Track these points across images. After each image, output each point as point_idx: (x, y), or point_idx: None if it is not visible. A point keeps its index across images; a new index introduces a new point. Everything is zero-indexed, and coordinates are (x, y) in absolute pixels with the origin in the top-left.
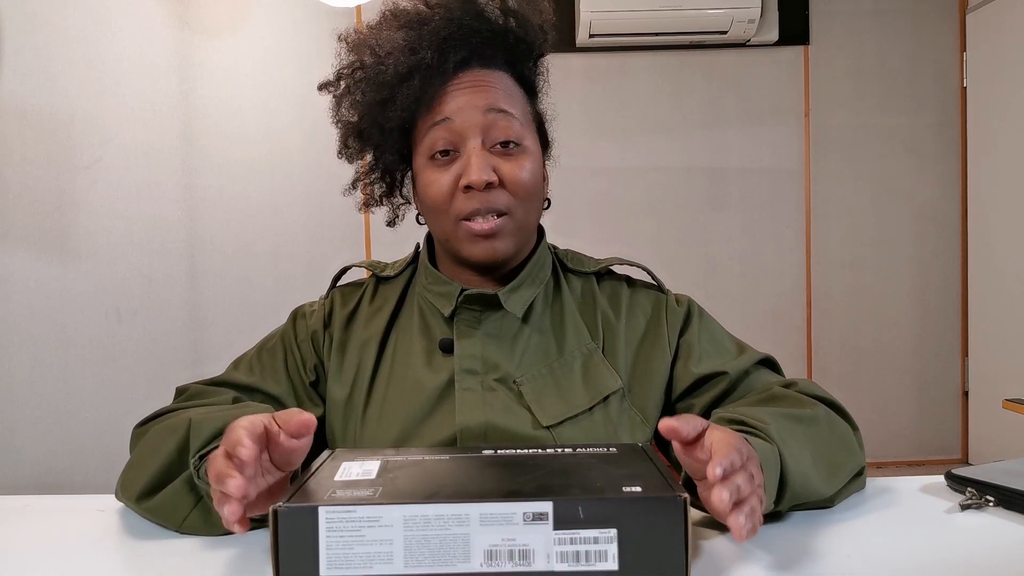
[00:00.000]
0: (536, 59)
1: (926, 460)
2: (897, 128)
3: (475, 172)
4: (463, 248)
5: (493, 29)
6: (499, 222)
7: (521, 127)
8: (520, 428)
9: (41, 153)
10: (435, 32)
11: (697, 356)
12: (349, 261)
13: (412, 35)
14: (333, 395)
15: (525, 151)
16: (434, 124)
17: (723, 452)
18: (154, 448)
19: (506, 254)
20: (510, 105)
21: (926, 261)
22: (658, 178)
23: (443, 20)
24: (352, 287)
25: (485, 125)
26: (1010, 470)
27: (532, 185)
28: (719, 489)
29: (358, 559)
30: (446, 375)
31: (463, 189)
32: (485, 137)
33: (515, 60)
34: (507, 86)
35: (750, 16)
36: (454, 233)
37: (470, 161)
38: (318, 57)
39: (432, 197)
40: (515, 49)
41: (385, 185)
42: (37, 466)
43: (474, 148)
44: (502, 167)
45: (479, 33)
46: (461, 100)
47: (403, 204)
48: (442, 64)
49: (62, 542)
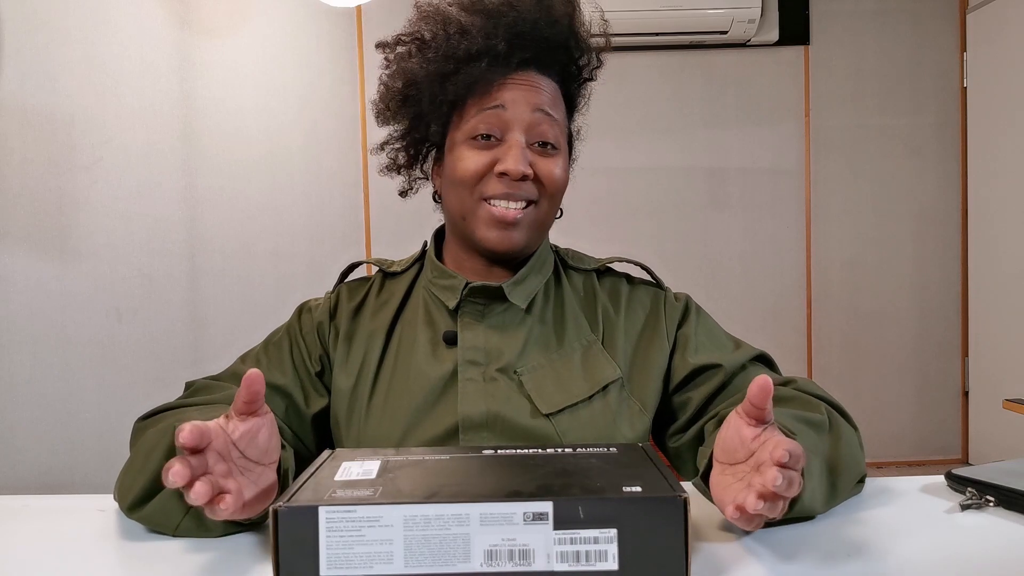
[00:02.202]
0: (584, 81)
1: (926, 460)
2: (897, 128)
3: (514, 162)
4: (479, 230)
5: (559, 40)
6: (525, 211)
7: (560, 133)
8: (520, 417)
9: (41, 153)
10: (510, 26)
11: (694, 347)
12: (349, 261)
13: (489, 23)
14: (338, 384)
15: (561, 153)
16: (486, 108)
17: (794, 447)
18: (145, 455)
19: (520, 245)
20: (555, 111)
21: (926, 261)
22: (658, 178)
23: (519, 17)
24: (359, 282)
25: (531, 123)
26: (1010, 470)
27: (562, 183)
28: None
29: (358, 559)
30: (450, 366)
31: (497, 174)
32: (528, 134)
33: (567, 75)
34: (555, 94)
35: (750, 16)
36: (473, 211)
37: (511, 151)
38: (318, 57)
39: (463, 172)
40: (570, 65)
41: (408, 156)
42: (37, 466)
43: (517, 140)
44: (538, 163)
45: (547, 40)
46: (516, 93)
47: (420, 179)
48: (509, 56)
49: (62, 542)
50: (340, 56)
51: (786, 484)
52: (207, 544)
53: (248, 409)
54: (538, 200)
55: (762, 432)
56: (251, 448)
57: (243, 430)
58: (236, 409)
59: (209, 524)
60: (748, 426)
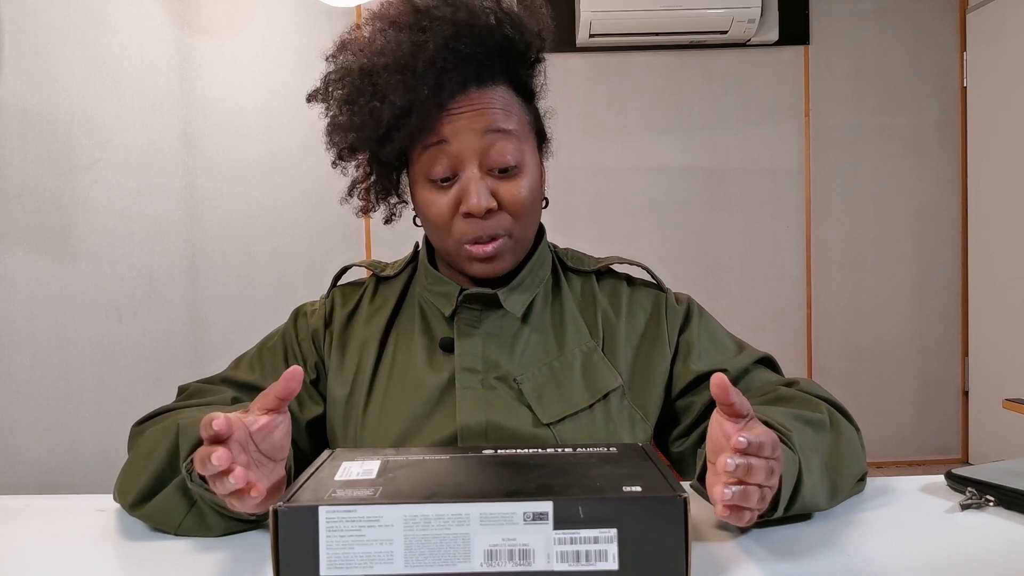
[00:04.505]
0: (533, 64)
1: (926, 460)
2: (897, 128)
3: (474, 199)
4: (463, 265)
5: (488, 47)
6: (498, 244)
7: (520, 143)
8: (521, 426)
9: (41, 153)
10: (430, 63)
11: (697, 354)
12: (349, 261)
13: (407, 70)
14: (334, 393)
15: (523, 171)
16: (431, 145)
17: (757, 433)
18: (146, 453)
19: (506, 270)
20: (508, 122)
21: (926, 261)
22: (658, 178)
23: (438, 47)
24: (352, 286)
25: (483, 148)
26: (1010, 470)
27: (531, 203)
28: (733, 458)
29: (358, 559)
30: (447, 374)
31: (463, 215)
32: (482, 160)
33: (513, 69)
34: (505, 101)
35: (750, 16)
36: (456, 253)
37: (469, 188)
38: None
39: (432, 218)
40: (513, 59)
41: (378, 192)
42: (37, 466)
43: (472, 176)
44: (501, 191)
45: (475, 57)
46: (458, 124)
47: (400, 204)
48: (438, 95)
49: (62, 542)
50: None
51: (744, 469)
52: (207, 544)
53: (278, 405)
54: (511, 229)
55: (742, 427)
56: (266, 443)
57: (261, 424)
58: (265, 403)
59: (210, 523)
60: (728, 422)
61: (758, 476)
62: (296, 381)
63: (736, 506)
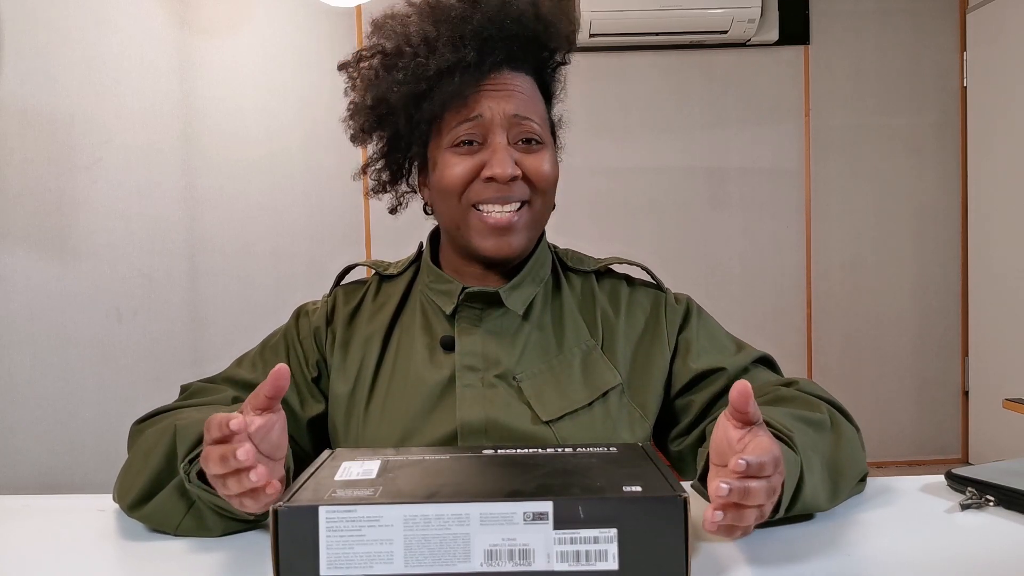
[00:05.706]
0: (558, 66)
1: (926, 460)
2: (897, 128)
3: (500, 165)
4: (474, 239)
5: (527, 35)
6: (518, 213)
7: (542, 127)
8: (520, 424)
9: (41, 153)
10: (477, 32)
11: (696, 352)
12: (349, 261)
13: (454, 32)
14: (336, 390)
15: (546, 147)
16: (465, 120)
17: (759, 452)
18: (144, 455)
19: (520, 249)
20: (531, 111)
21: (926, 261)
22: (658, 178)
23: (484, 20)
24: (355, 285)
25: (511, 124)
26: (1010, 470)
27: (552, 177)
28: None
29: (358, 559)
30: (448, 372)
31: (484, 179)
32: (510, 133)
33: (540, 66)
34: (530, 91)
35: (750, 16)
36: (465, 220)
37: (496, 154)
38: (318, 57)
39: (449, 179)
40: (542, 56)
41: (391, 172)
42: (37, 466)
43: (500, 143)
44: (525, 161)
45: (516, 38)
46: (492, 100)
47: (408, 193)
48: (480, 64)
49: (62, 542)
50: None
51: (741, 492)
52: (207, 544)
53: (269, 404)
54: (531, 199)
55: (747, 433)
56: (264, 443)
57: (259, 424)
58: (256, 403)
59: (209, 524)
60: (734, 428)
61: (757, 498)
62: (284, 379)
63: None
